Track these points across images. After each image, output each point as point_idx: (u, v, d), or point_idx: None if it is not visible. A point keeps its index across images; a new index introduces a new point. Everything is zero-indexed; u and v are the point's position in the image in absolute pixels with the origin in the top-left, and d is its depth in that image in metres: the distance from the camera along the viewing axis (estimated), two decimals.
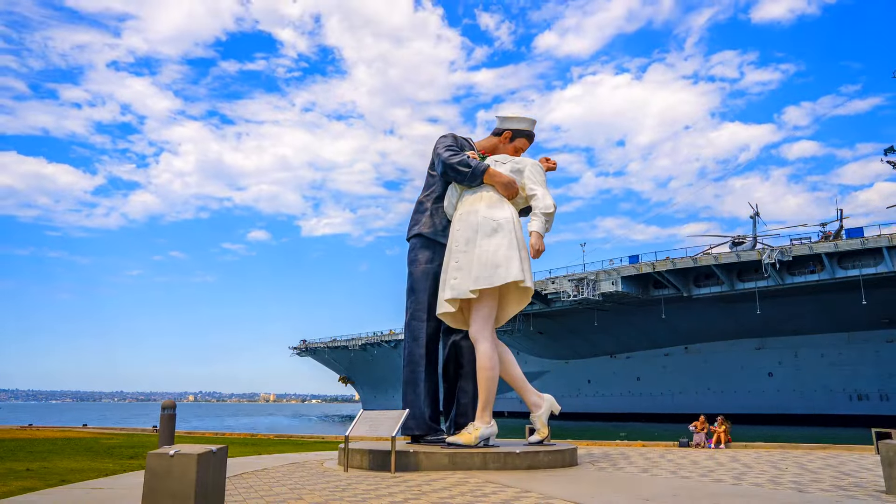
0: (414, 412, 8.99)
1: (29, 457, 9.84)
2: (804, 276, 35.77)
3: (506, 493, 6.13)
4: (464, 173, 9.07)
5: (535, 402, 9.19)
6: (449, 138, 9.77)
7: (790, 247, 36.00)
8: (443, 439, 8.95)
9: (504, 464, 8.01)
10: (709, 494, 6.18)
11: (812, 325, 39.40)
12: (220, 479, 4.91)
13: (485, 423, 8.61)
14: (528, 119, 10.03)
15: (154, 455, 4.52)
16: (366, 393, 77.25)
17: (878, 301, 34.13)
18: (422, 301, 9.38)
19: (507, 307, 8.98)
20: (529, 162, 9.37)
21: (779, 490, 6.67)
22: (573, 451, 9.04)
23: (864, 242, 33.38)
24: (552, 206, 8.81)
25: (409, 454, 8.07)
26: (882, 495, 6.26)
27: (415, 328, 9.41)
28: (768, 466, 9.15)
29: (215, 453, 4.75)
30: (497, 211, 8.80)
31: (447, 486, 6.67)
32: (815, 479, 7.53)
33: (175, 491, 4.38)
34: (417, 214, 9.88)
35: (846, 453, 11.52)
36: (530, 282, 8.69)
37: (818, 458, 10.43)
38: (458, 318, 8.90)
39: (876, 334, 37.82)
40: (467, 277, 8.43)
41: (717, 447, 13.57)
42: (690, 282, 39.71)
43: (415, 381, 9.23)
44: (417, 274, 9.50)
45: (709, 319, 41.59)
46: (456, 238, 8.84)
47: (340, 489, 6.50)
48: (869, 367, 38.16)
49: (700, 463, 9.53)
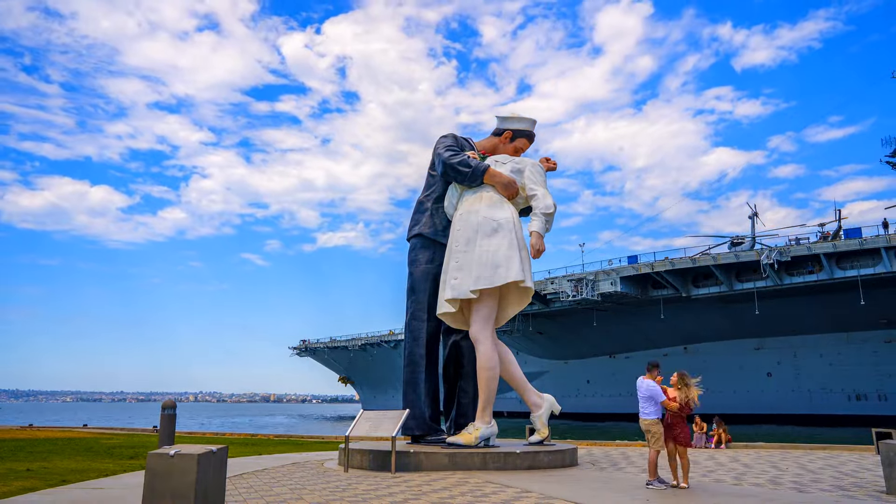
0: (414, 412, 8.98)
1: (29, 457, 9.83)
2: (803, 276, 35.75)
3: (506, 493, 6.12)
4: (464, 173, 9.06)
5: (535, 402, 9.18)
6: (449, 138, 9.73)
7: (789, 247, 36.01)
8: (443, 439, 8.94)
9: (504, 464, 8.00)
10: (709, 494, 6.19)
11: (811, 326, 39.38)
12: (220, 479, 4.90)
13: (485, 424, 8.60)
14: (529, 119, 10.01)
15: (154, 455, 4.52)
16: (366, 393, 77.19)
17: (876, 301, 34.12)
18: (422, 301, 9.37)
19: (507, 307, 8.97)
20: (529, 162, 9.36)
21: (779, 490, 6.67)
22: (573, 452, 9.04)
23: (863, 243, 33.37)
24: (552, 206, 8.80)
25: (410, 454, 8.06)
26: (882, 495, 6.25)
27: (415, 328, 9.40)
28: (768, 466, 9.15)
29: (215, 453, 4.74)
30: (497, 211, 8.79)
31: (447, 486, 6.66)
32: (815, 479, 7.53)
33: (175, 491, 4.37)
34: (418, 214, 9.86)
35: (846, 453, 11.52)
36: (530, 282, 8.68)
37: (818, 458, 10.42)
38: (458, 318, 8.88)
39: (874, 334, 37.80)
40: (468, 277, 8.42)
41: (718, 447, 13.58)
42: (689, 282, 39.69)
43: (415, 381, 9.23)
44: (418, 274, 9.49)
45: (708, 320, 41.56)
46: (456, 238, 8.83)
47: (340, 489, 6.49)
48: (867, 367, 38.15)
49: (700, 463, 9.53)
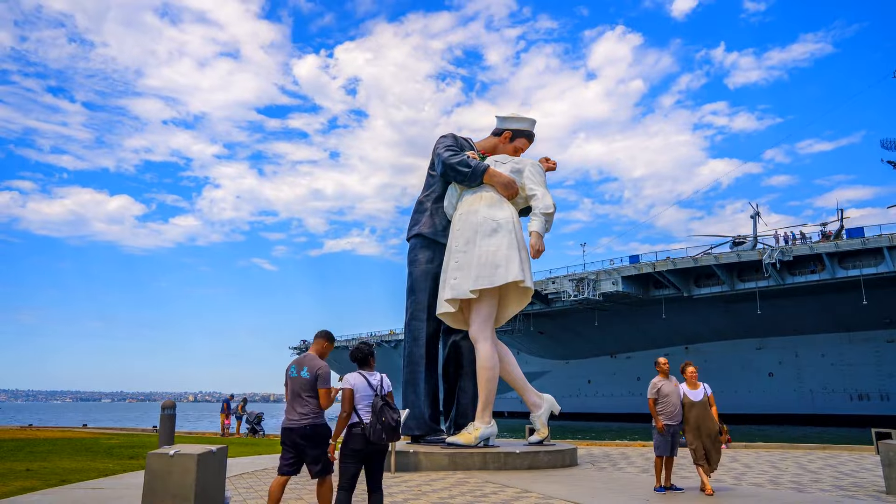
0: (414, 412, 8.98)
1: (29, 457, 9.83)
2: (805, 276, 35.67)
3: (506, 493, 6.12)
4: (464, 173, 9.05)
5: (535, 402, 9.18)
6: (449, 138, 9.72)
7: (791, 247, 35.94)
8: (443, 439, 8.95)
9: (504, 464, 8.00)
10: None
11: (813, 325, 39.30)
12: (220, 479, 4.91)
13: (485, 424, 8.60)
14: (528, 119, 10.00)
15: (154, 455, 4.52)
16: None
17: (878, 301, 34.04)
18: (422, 301, 9.37)
19: (507, 307, 8.96)
20: (529, 162, 9.36)
21: (779, 490, 6.66)
22: (573, 452, 9.04)
23: (865, 242, 33.29)
24: (552, 206, 8.80)
25: (410, 454, 8.06)
26: (882, 495, 6.25)
27: (415, 328, 9.40)
28: (768, 466, 9.14)
29: (215, 453, 4.75)
30: (497, 211, 8.79)
31: (447, 486, 6.67)
32: (815, 479, 7.52)
33: (175, 491, 4.38)
34: (417, 214, 9.85)
35: (846, 453, 11.51)
36: (530, 282, 8.67)
37: (818, 458, 10.42)
38: (458, 318, 8.88)
39: (876, 334, 37.71)
40: (467, 277, 8.42)
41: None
42: (691, 282, 39.61)
43: (415, 381, 9.23)
44: (417, 274, 9.48)
45: (709, 319, 41.48)
46: (456, 238, 8.83)
47: None
48: (869, 366, 38.06)
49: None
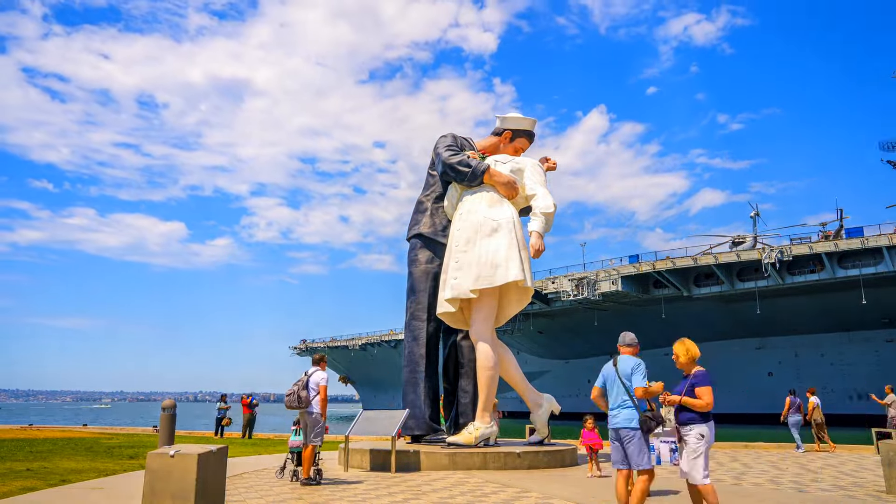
0: (414, 412, 8.98)
1: (29, 457, 9.82)
2: (804, 275, 35.69)
3: (506, 493, 6.12)
4: (464, 173, 9.04)
5: (535, 402, 9.18)
6: (449, 138, 9.70)
7: (790, 246, 35.94)
8: (443, 439, 8.94)
9: (504, 464, 8.00)
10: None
11: (812, 325, 39.30)
12: (220, 479, 4.90)
13: (485, 424, 8.59)
14: (529, 119, 9.99)
15: (154, 455, 4.52)
16: (366, 393, 77.11)
17: (878, 301, 34.06)
18: (422, 301, 9.37)
19: (507, 307, 8.96)
20: (529, 162, 9.35)
21: (779, 490, 6.67)
22: (573, 452, 9.04)
23: (864, 242, 33.30)
24: (552, 206, 8.79)
25: (410, 454, 8.06)
26: (882, 495, 6.25)
27: (415, 328, 9.39)
28: (768, 466, 9.15)
29: (215, 453, 4.75)
30: (497, 211, 8.78)
31: (447, 486, 6.66)
32: (815, 479, 7.53)
33: (175, 491, 4.37)
34: (417, 214, 9.85)
35: (846, 453, 11.51)
36: (530, 281, 8.67)
37: (818, 458, 10.42)
38: (458, 317, 8.88)
39: (876, 334, 37.73)
40: (467, 277, 8.41)
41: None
42: (690, 281, 39.61)
43: (415, 381, 9.22)
44: (418, 274, 9.48)
45: (709, 319, 41.46)
46: (456, 238, 8.82)
47: (341, 489, 6.49)
48: (869, 366, 38.06)
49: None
